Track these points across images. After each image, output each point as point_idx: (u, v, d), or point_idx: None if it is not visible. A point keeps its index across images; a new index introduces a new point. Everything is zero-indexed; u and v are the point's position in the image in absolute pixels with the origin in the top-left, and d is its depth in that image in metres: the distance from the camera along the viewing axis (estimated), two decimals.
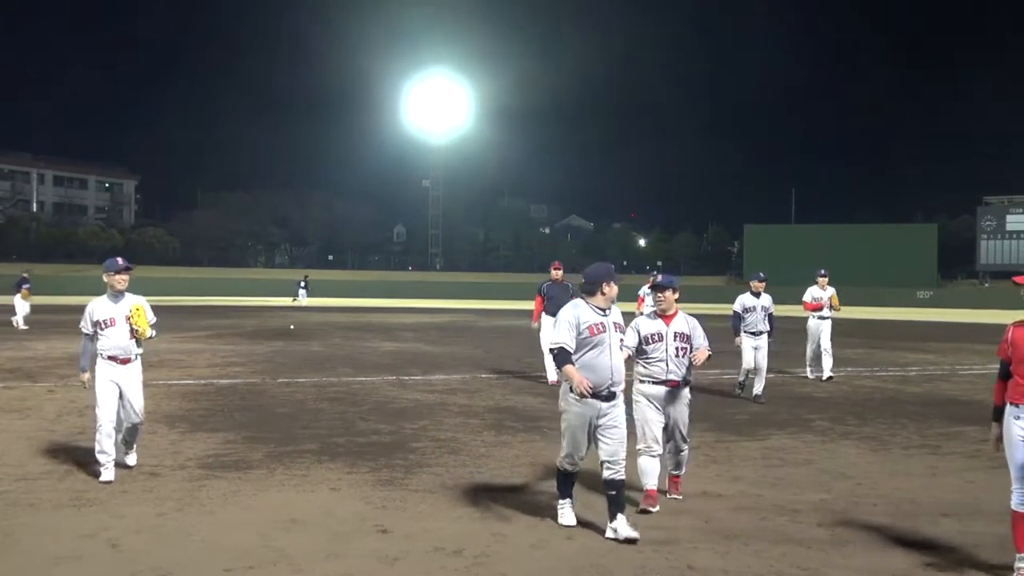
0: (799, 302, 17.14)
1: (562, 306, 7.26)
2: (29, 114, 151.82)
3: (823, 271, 16.83)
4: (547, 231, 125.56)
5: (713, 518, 7.27)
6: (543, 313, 15.30)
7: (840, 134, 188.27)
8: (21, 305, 29.56)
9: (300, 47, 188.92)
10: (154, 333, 8.69)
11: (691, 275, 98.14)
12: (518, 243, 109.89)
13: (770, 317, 14.36)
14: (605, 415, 6.79)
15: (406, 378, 16.81)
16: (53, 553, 6.21)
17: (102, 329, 8.42)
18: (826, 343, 16.70)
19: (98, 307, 8.55)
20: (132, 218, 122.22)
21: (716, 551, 6.41)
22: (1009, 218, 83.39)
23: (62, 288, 69.90)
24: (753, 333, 14.14)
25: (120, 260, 8.63)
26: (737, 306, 14.36)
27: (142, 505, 7.47)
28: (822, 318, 16.75)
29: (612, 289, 6.89)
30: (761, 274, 14.64)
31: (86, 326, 8.53)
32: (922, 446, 10.59)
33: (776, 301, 14.51)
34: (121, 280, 8.51)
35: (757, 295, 14.34)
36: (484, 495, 7.95)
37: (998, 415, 6.02)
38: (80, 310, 8.74)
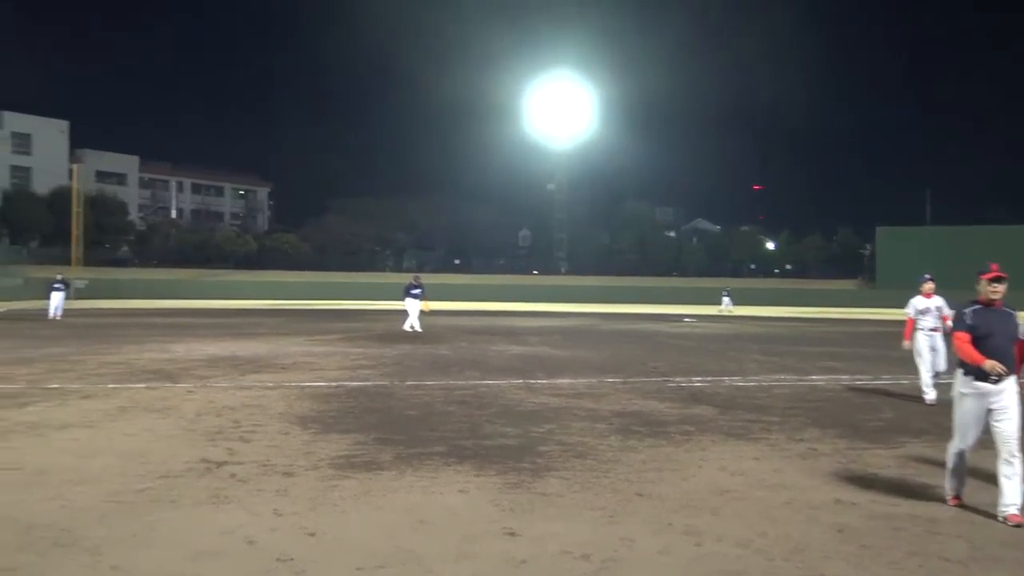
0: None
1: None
2: (170, 124, 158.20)
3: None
4: (673, 234, 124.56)
5: (846, 527, 7.08)
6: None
7: (976, 134, 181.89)
8: (414, 309, 32.11)
9: (420, 55, 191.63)
10: None
11: (820, 278, 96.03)
12: (643, 246, 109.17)
13: None
14: None
15: (532, 382, 16.86)
16: (193, 548, 6.42)
17: None
18: None
19: None
20: (266, 224, 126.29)
21: (849, 561, 6.23)
22: None
23: (200, 292, 72.72)
24: None
25: None
26: None
27: (277, 504, 7.66)
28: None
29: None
30: None
31: None
32: None
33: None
34: None
35: None
36: (611, 500, 7.91)
37: None
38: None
